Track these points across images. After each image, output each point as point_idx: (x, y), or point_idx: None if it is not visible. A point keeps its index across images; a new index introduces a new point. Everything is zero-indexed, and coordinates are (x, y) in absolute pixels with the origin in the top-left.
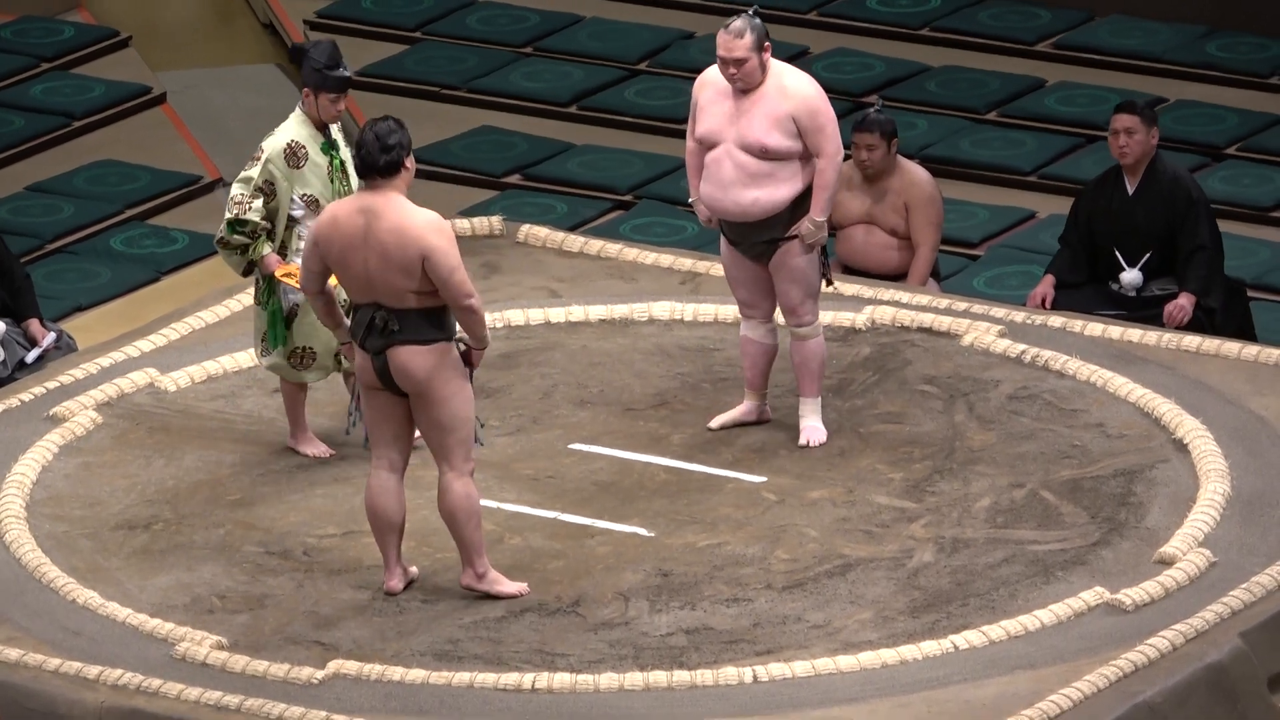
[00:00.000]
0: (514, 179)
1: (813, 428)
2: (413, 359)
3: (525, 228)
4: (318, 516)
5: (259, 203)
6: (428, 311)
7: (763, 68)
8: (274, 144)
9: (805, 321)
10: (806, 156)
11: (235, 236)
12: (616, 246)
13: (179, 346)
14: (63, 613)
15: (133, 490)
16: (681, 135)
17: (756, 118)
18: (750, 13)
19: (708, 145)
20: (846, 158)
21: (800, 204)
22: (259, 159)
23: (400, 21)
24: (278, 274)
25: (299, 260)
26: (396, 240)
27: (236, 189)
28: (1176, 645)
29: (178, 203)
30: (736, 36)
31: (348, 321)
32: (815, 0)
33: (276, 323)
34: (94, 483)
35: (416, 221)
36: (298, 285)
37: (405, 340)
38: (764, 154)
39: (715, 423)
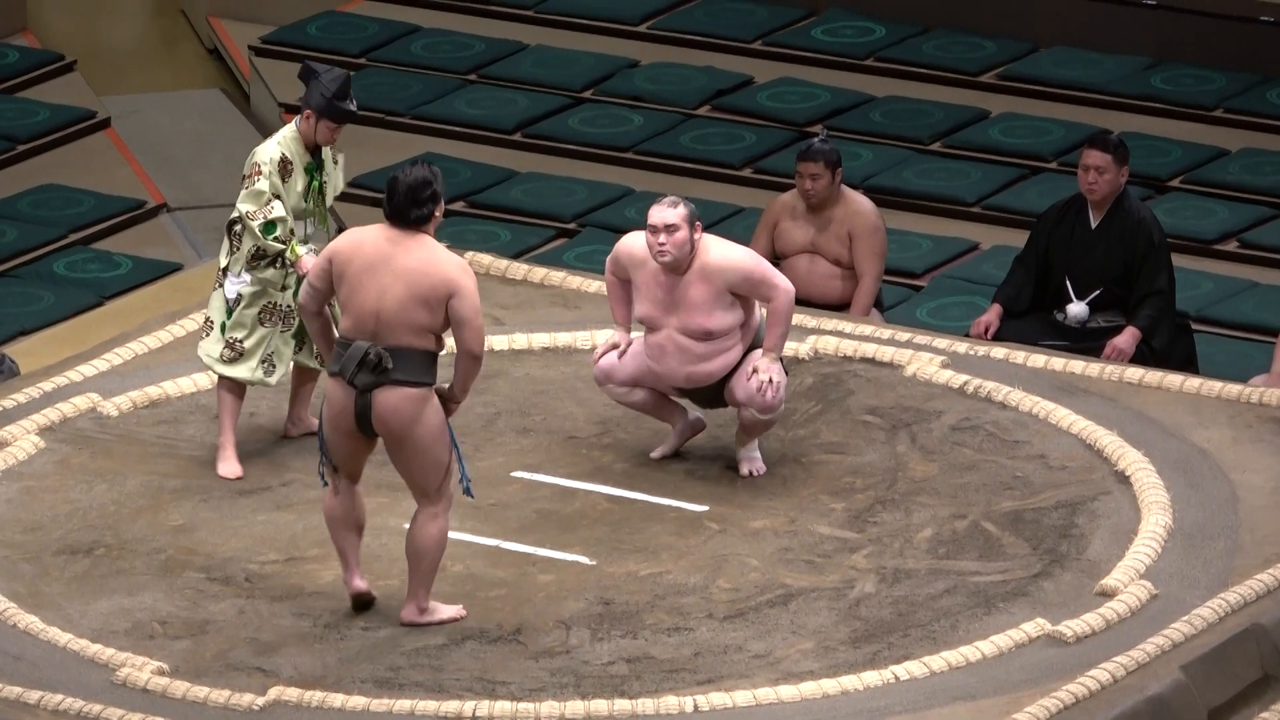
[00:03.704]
0: (458, 206)
1: (752, 458)
2: (399, 404)
3: (469, 255)
4: (260, 542)
5: (278, 204)
6: (422, 353)
7: (692, 246)
8: (270, 153)
9: (772, 408)
10: (748, 311)
11: (273, 242)
12: (560, 274)
13: (122, 371)
14: (3, 637)
15: (74, 515)
16: (624, 163)
17: (695, 305)
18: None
19: (649, 328)
20: (789, 188)
21: (746, 352)
22: (260, 172)
23: (345, 48)
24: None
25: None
26: (425, 271)
27: (246, 206)
28: (1117, 677)
29: (122, 227)
30: (670, 206)
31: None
32: (760, 29)
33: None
34: (35, 507)
35: (446, 258)
36: None
37: (397, 380)
38: (708, 336)
39: (656, 453)
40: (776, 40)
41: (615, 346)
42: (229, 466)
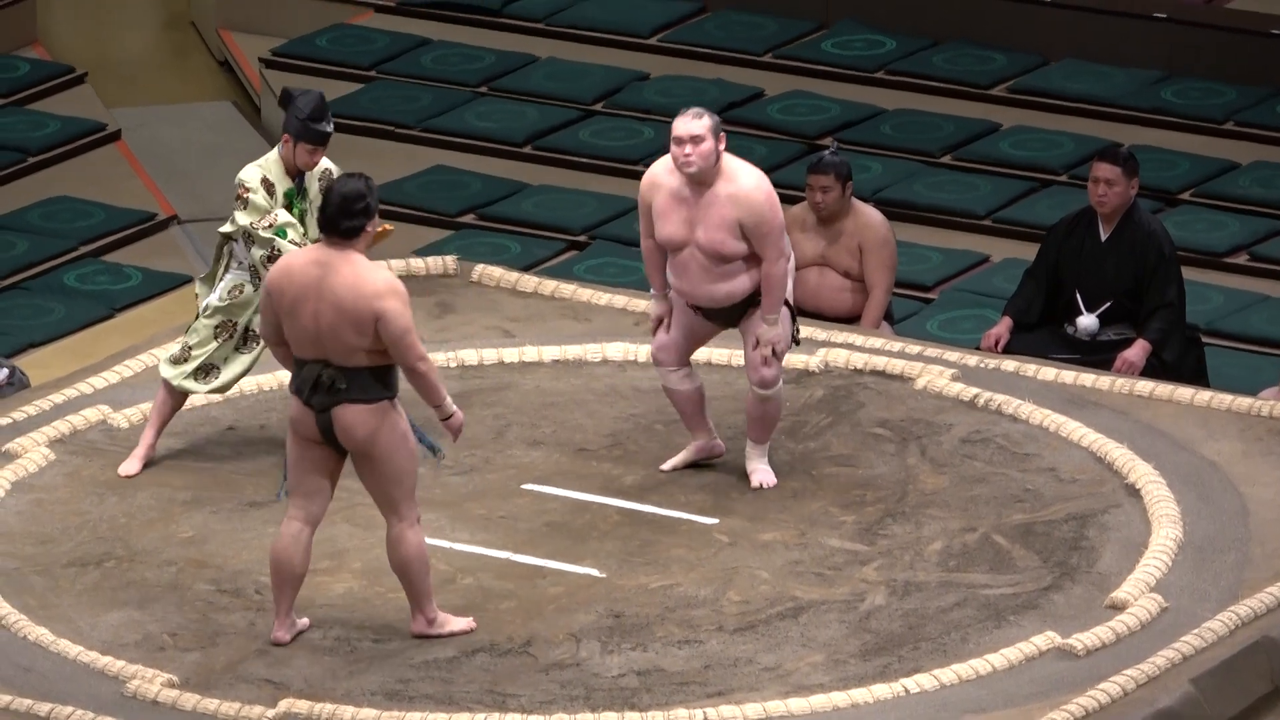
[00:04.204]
0: (468, 219)
1: (763, 470)
2: (358, 418)
3: (479, 267)
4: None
5: (282, 211)
6: (375, 370)
7: (717, 157)
8: (253, 175)
9: (770, 382)
10: None
11: (289, 244)
12: (570, 287)
13: (132, 384)
14: (14, 649)
15: (85, 527)
16: (634, 176)
17: (711, 225)
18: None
19: (672, 248)
20: (799, 200)
21: None
22: (249, 191)
23: (355, 60)
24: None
25: (232, 276)
26: (351, 297)
27: (248, 219)
28: (1127, 690)
29: (132, 240)
30: (695, 117)
31: None
32: (770, 42)
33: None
34: (46, 519)
35: (373, 280)
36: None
37: (351, 399)
38: (723, 257)
39: (667, 465)
40: (787, 53)
41: (660, 321)
42: (129, 464)
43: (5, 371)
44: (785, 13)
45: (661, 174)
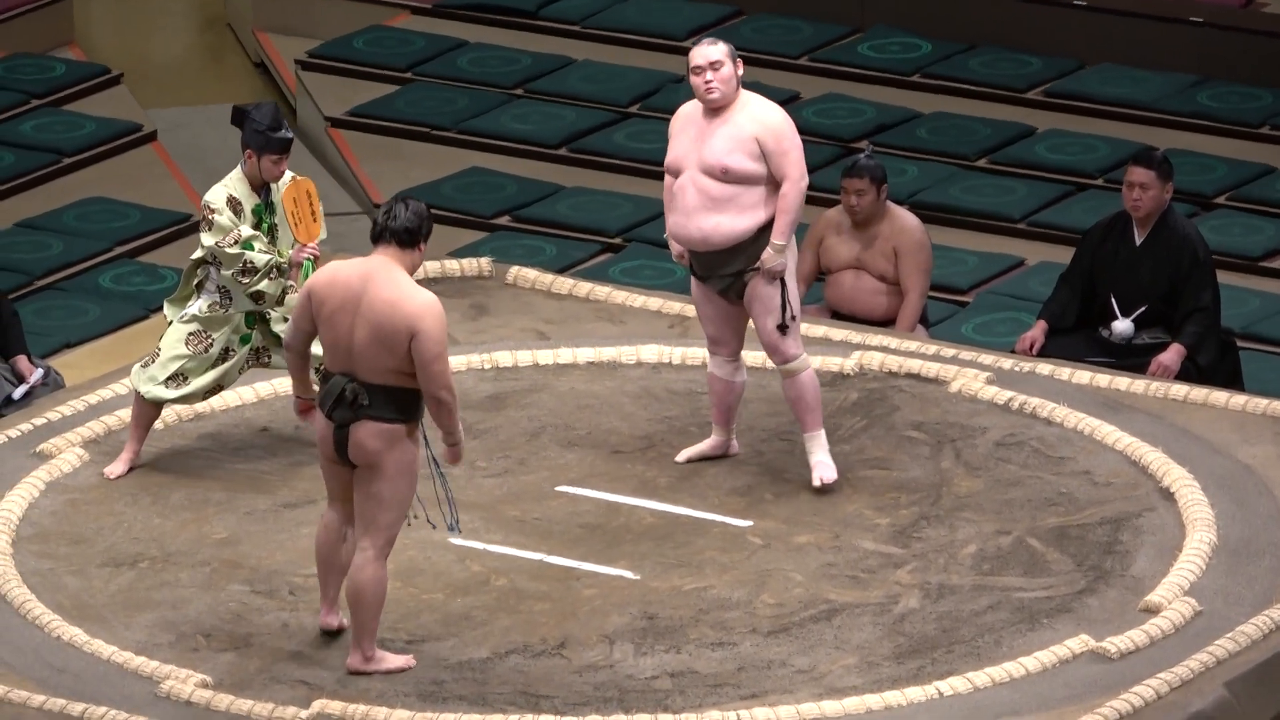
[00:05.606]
0: (503, 220)
1: (823, 463)
2: (372, 437)
3: (514, 269)
4: (303, 556)
5: (244, 225)
6: (400, 392)
7: (737, 83)
8: (218, 196)
9: (789, 356)
10: (772, 186)
11: (259, 254)
12: (605, 289)
13: None
14: (48, 650)
15: (119, 528)
16: None
17: (719, 139)
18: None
19: (675, 173)
20: (834, 204)
21: (765, 236)
22: (214, 211)
23: (391, 62)
24: (315, 243)
25: (206, 297)
26: (389, 313)
27: (212, 239)
28: (1161, 694)
29: (167, 241)
30: (710, 44)
31: (312, 382)
32: (806, 45)
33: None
34: (80, 520)
35: (413, 299)
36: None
37: (371, 416)
38: (725, 175)
39: (682, 456)
40: (823, 56)
41: (683, 256)
42: (117, 465)
43: (40, 372)
44: (821, 16)
45: (687, 108)
